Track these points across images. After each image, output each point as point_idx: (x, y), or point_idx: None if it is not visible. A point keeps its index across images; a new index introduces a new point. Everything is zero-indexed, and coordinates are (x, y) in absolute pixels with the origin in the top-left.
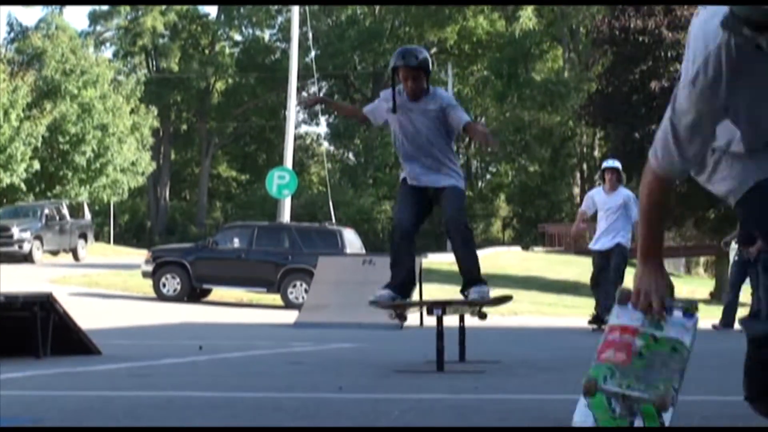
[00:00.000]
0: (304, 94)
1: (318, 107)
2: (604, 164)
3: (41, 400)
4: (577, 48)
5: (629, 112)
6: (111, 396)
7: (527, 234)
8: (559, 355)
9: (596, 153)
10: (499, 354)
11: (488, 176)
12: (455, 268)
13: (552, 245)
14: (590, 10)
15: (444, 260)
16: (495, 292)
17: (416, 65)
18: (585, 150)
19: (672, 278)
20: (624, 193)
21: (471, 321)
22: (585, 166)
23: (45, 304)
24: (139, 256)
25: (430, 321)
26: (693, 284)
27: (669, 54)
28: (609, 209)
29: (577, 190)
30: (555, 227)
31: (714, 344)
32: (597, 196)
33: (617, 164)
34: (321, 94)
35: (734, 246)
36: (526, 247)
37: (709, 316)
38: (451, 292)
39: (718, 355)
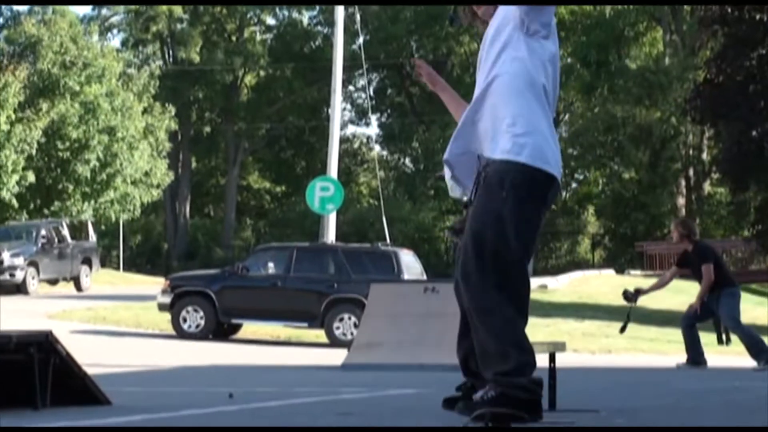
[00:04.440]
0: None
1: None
2: None
3: None
4: (681, 29)
5: (745, 106)
6: None
7: (621, 254)
8: (664, 402)
9: (705, 156)
10: (591, 401)
11: (574, 185)
12: (535, 296)
13: (652, 268)
14: None
15: None
16: (583, 325)
17: None
18: (691, 152)
19: None
20: None
21: (559, 359)
22: (691, 172)
23: (43, 344)
24: (154, 285)
25: None
26: None
27: None
28: None
29: (681, 201)
30: (655, 246)
31: None
32: None
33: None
34: (371, 88)
35: None
36: (620, 270)
37: None
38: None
39: None
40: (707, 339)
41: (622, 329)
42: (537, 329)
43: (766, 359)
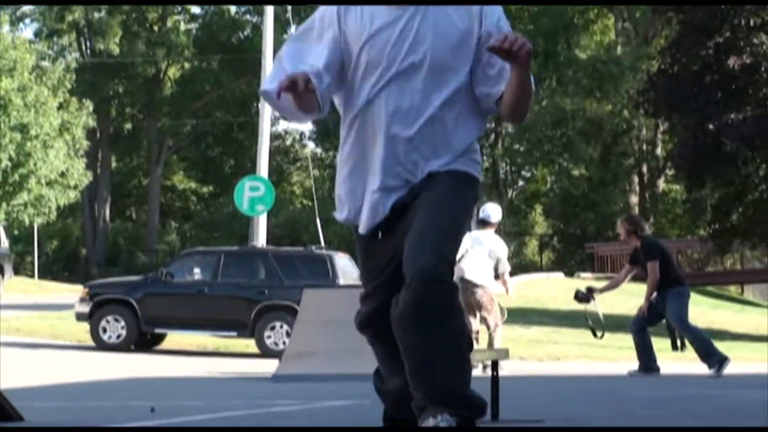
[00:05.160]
0: None
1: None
2: None
3: None
4: (633, 16)
5: (701, 97)
6: None
7: (571, 256)
8: (615, 411)
9: (659, 151)
10: (537, 411)
11: (521, 183)
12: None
13: (603, 270)
14: None
15: None
16: (530, 331)
17: None
18: (644, 147)
19: (761, 309)
20: None
21: (505, 368)
22: (645, 168)
23: None
24: (71, 293)
25: None
26: None
27: (752, 22)
28: None
29: (635, 199)
30: (607, 247)
31: None
32: None
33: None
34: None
35: None
36: (570, 273)
37: None
38: (480, 329)
39: None
40: (661, 345)
41: (594, 334)
42: (480, 336)
43: (718, 361)
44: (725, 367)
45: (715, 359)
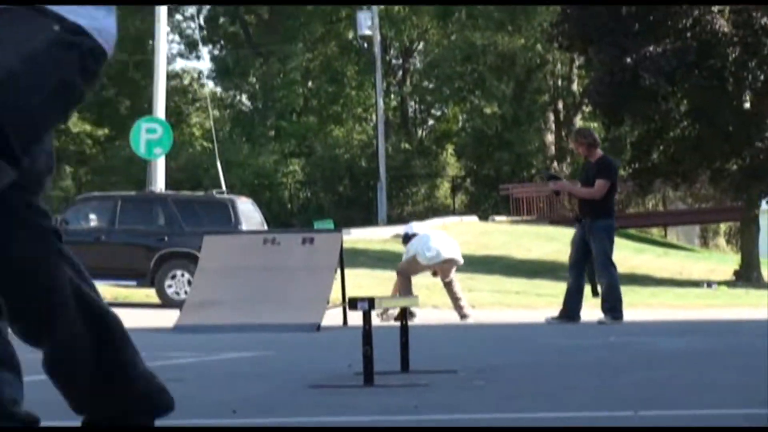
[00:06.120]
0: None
1: None
2: None
3: None
4: None
5: (618, 30)
6: None
7: (485, 199)
8: (529, 360)
9: (575, 86)
10: (450, 361)
11: (431, 122)
12: (388, 246)
13: (519, 213)
14: None
15: (374, 237)
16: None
17: None
18: (560, 83)
19: (685, 253)
20: None
21: (417, 316)
22: (561, 105)
23: None
24: None
25: (356, 319)
26: (711, 261)
27: None
28: None
29: (550, 138)
30: (522, 189)
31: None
32: None
33: None
34: (201, 17)
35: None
36: (484, 217)
37: (735, 303)
38: (383, 278)
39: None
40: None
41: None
42: (390, 284)
43: (615, 317)
44: (617, 323)
45: (618, 314)
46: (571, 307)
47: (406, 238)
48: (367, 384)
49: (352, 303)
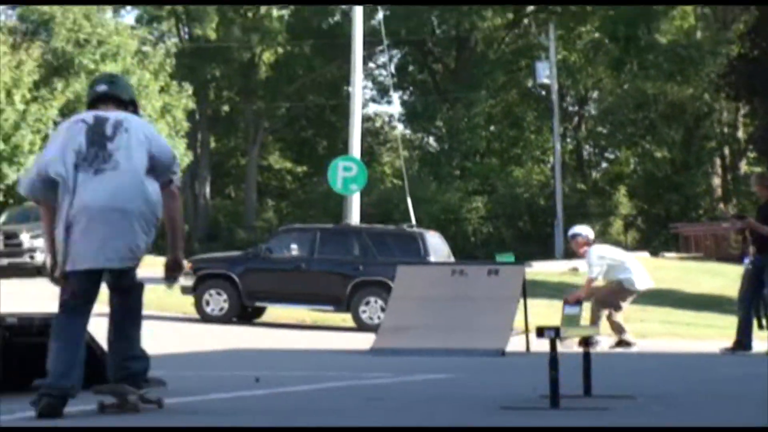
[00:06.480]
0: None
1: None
2: None
3: None
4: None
5: None
6: None
7: (656, 236)
8: (699, 388)
9: (740, 133)
10: (625, 386)
11: (604, 165)
12: (565, 279)
13: (687, 250)
14: None
15: (552, 270)
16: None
17: None
18: (726, 130)
19: None
20: None
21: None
22: (726, 151)
23: None
24: None
25: (538, 346)
26: None
27: None
28: None
29: (717, 181)
30: (691, 228)
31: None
32: None
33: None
34: (392, 65)
35: None
36: (654, 253)
37: None
38: (560, 308)
39: None
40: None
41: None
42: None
43: None
44: None
45: None
46: (743, 338)
47: (581, 240)
48: (554, 407)
49: (540, 331)
